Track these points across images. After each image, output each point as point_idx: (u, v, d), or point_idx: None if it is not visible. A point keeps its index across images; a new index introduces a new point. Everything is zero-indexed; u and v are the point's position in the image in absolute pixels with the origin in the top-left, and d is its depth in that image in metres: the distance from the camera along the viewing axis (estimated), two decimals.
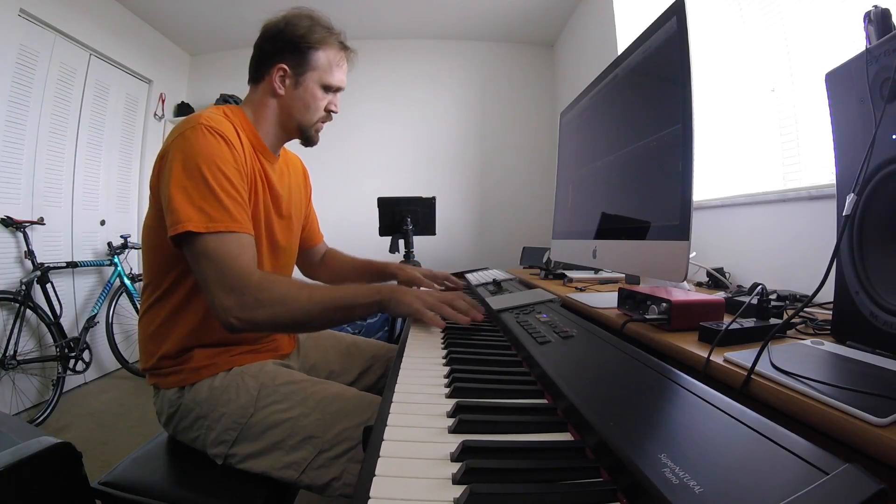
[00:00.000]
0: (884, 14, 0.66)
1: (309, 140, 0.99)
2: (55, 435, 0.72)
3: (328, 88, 0.95)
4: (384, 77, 3.62)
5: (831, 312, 0.66)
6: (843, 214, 0.58)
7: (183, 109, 3.49)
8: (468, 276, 1.56)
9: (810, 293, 0.62)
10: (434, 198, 2.50)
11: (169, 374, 0.85)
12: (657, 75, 0.87)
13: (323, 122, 0.99)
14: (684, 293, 0.83)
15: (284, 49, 0.90)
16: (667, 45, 0.82)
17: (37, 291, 2.32)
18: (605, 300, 1.05)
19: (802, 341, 0.63)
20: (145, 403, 2.32)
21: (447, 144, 3.68)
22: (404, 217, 2.41)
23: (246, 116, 0.92)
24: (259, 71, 0.93)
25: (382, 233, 2.47)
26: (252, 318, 0.73)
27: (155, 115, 3.31)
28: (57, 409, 2.23)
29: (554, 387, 0.50)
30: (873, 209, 0.58)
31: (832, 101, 0.66)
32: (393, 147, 3.66)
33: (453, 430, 0.44)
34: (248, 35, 0.96)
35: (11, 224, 2.23)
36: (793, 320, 0.71)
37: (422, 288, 1.18)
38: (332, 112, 0.98)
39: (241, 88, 0.99)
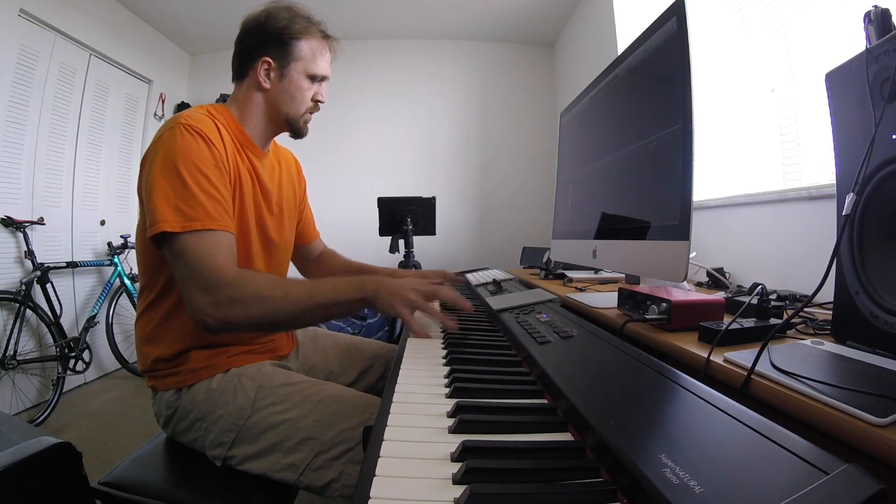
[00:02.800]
0: (884, 14, 0.66)
1: (298, 132, 0.98)
2: (55, 435, 0.72)
3: (313, 78, 0.94)
4: (384, 77, 3.62)
5: (831, 312, 0.66)
6: (843, 214, 0.58)
7: (183, 109, 3.48)
8: (468, 276, 1.56)
9: (810, 293, 0.62)
10: (434, 198, 2.50)
11: (166, 376, 0.85)
12: (657, 75, 0.87)
13: (311, 113, 0.98)
14: (684, 293, 0.83)
15: (267, 42, 0.90)
16: (667, 45, 0.82)
17: (37, 291, 2.32)
18: (605, 300, 1.05)
19: (802, 341, 0.63)
20: (145, 403, 2.32)
21: (447, 144, 3.68)
22: (404, 217, 2.41)
23: (231, 114, 0.92)
24: (243, 67, 0.93)
25: (382, 233, 2.47)
26: (226, 318, 0.72)
27: (155, 115, 3.31)
28: (57, 409, 2.23)
29: (554, 387, 0.50)
30: (873, 209, 0.58)
31: (832, 101, 0.66)
32: (393, 147, 3.66)
33: (453, 431, 0.44)
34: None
35: (11, 224, 2.23)
36: (793, 320, 0.71)
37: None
38: (319, 102, 0.97)
39: None
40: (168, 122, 0.80)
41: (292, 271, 1.14)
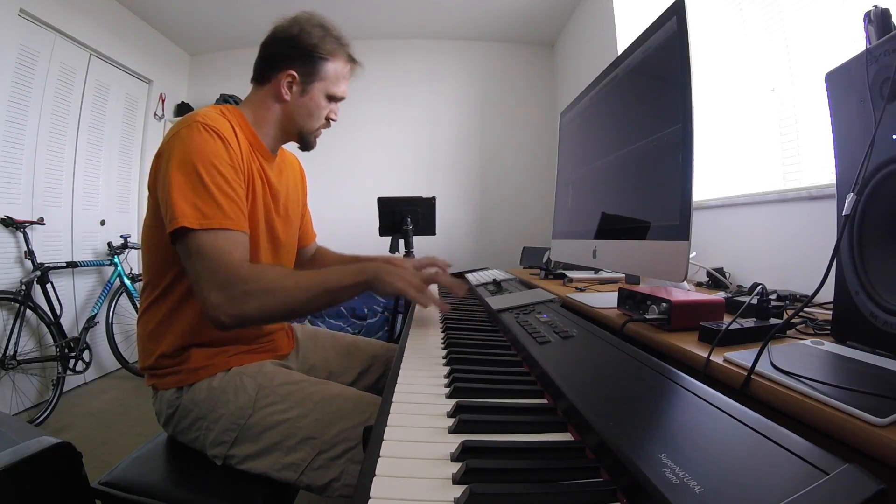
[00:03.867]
0: (884, 14, 0.66)
1: (307, 145, 1.00)
2: (55, 435, 0.72)
3: (332, 98, 0.97)
4: (384, 77, 3.62)
5: (831, 312, 0.66)
6: (843, 214, 0.58)
7: (183, 109, 3.49)
8: (468, 276, 1.56)
9: (810, 293, 0.62)
10: (434, 198, 2.49)
11: (167, 375, 0.85)
12: (657, 75, 0.87)
13: (322, 129, 1.00)
14: (684, 293, 0.83)
15: (295, 56, 0.91)
16: (667, 45, 0.82)
17: (37, 291, 2.32)
18: (605, 300, 1.05)
19: (802, 341, 0.63)
20: (145, 403, 2.32)
21: (447, 144, 3.68)
22: (404, 217, 2.41)
23: (244, 116, 0.92)
24: (266, 73, 0.93)
25: (382, 233, 2.47)
26: (241, 312, 0.73)
27: (155, 115, 3.31)
28: (57, 409, 2.23)
29: (554, 387, 0.50)
30: (873, 209, 0.58)
31: (832, 101, 0.66)
32: (393, 147, 3.66)
33: (453, 430, 0.44)
34: (249, 35, 0.97)
35: (11, 224, 2.23)
36: (793, 320, 0.71)
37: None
38: (332, 120, 1.00)
39: (241, 88, 0.99)
40: (185, 120, 0.81)
41: None
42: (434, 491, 0.34)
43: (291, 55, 0.91)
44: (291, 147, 1.08)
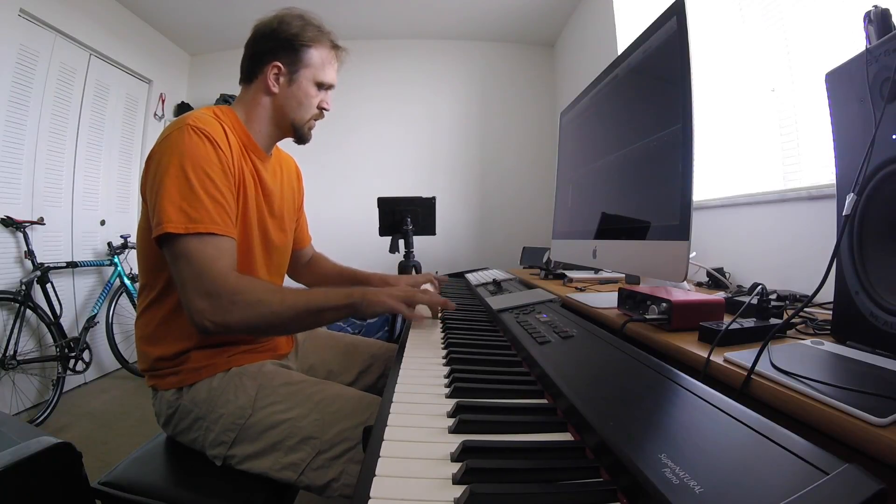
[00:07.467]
0: (884, 14, 0.66)
1: (302, 138, 1.00)
2: (55, 435, 0.72)
3: (321, 86, 0.96)
4: (384, 77, 3.62)
5: (831, 312, 0.66)
6: (843, 214, 0.58)
7: (183, 109, 3.48)
8: (468, 276, 1.56)
9: (810, 293, 0.62)
10: (434, 198, 2.50)
11: (167, 376, 0.85)
12: (657, 75, 0.87)
13: (315, 120, 0.99)
14: (684, 293, 0.83)
15: (278, 48, 0.91)
16: (667, 45, 0.82)
17: (37, 291, 2.32)
18: (605, 300, 1.05)
19: (802, 341, 0.63)
20: (145, 403, 2.32)
21: (447, 144, 3.68)
22: (404, 217, 2.41)
23: (237, 116, 0.93)
24: (252, 70, 0.94)
25: (382, 233, 2.47)
26: (225, 322, 0.73)
27: (155, 115, 3.31)
28: (57, 409, 2.23)
29: (554, 387, 0.50)
30: (873, 209, 0.58)
31: (832, 101, 0.66)
32: (393, 147, 3.66)
33: (453, 430, 0.44)
34: (248, 35, 0.97)
35: (11, 224, 2.23)
36: (793, 320, 0.71)
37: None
38: (324, 109, 0.99)
39: None
40: (176, 123, 0.80)
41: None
42: (434, 491, 0.34)
43: (275, 48, 0.91)
44: (290, 147, 1.08)
